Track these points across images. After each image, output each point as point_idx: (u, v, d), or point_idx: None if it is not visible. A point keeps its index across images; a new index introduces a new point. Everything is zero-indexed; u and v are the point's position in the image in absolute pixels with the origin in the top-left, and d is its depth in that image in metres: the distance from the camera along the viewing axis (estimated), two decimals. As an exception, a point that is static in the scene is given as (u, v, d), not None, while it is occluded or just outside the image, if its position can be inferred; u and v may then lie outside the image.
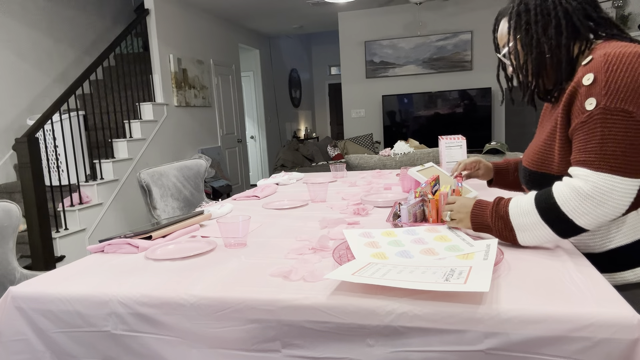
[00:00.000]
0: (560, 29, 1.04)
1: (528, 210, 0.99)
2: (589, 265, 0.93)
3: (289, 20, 7.14)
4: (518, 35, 1.09)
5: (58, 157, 3.93)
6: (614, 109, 0.91)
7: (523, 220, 1.00)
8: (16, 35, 4.33)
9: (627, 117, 0.90)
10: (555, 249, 1.04)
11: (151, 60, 5.17)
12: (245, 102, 7.78)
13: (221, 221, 1.22)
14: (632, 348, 0.71)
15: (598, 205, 0.92)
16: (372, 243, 1.09)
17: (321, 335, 0.84)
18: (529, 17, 1.07)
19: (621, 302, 0.76)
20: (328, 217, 1.49)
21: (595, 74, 0.94)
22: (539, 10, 1.06)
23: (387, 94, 6.87)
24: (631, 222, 1.00)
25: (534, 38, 1.06)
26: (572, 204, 0.94)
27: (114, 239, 1.28)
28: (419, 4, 5.55)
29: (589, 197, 0.92)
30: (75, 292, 0.97)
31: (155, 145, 4.98)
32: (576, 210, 0.94)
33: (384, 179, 2.32)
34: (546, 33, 1.05)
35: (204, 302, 0.90)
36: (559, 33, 1.04)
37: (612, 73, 0.92)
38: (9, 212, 1.70)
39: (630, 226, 1.00)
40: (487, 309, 0.77)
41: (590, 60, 0.97)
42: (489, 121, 6.50)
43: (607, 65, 0.93)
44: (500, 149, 2.82)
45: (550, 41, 1.05)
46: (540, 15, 1.05)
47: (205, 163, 2.81)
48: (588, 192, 0.92)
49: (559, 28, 1.04)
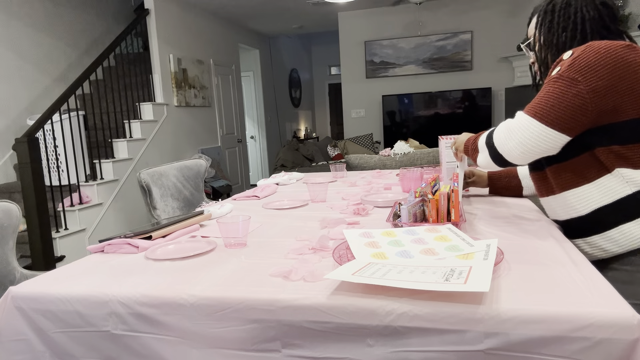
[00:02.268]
0: (575, 32, 1.17)
1: (484, 135, 1.22)
2: (589, 265, 0.93)
3: (289, 20, 7.14)
4: (542, 31, 1.23)
5: (58, 157, 3.93)
6: (566, 76, 1.06)
7: (481, 143, 1.22)
8: (16, 35, 4.33)
9: (571, 83, 1.05)
10: (555, 249, 1.04)
11: (151, 60, 5.17)
12: (245, 102, 7.78)
13: (221, 221, 1.22)
14: (632, 348, 0.71)
15: (510, 137, 1.10)
16: (372, 243, 1.09)
17: (321, 335, 0.84)
18: (553, 17, 1.21)
19: (621, 302, 0.76)
20: (328, 217, 1.49)
21: (573, 52, 1.10)
22: (562, 13, 1.20)
23: (387, 94, 6.87)
24: (608, 183, 1.10)
25: (555, 36, 1.21)
26: (498, 133, 1.14)
27: (114, 239, 1.28)
28: (419, 4, 5.55)
29: (507, 129, 1.11)
30: (75, 292, 0.97)
31: (155, 145, 4.98)
32: (498, 138, 1.14)
33: (384, 179, 2.32)
34: (564, 34, 1.19)
35: (204, 302, 0.90)
36: (573, 37, 1.18)
37: (583, 52, 1.07)
38: (9, 212, 1.70)
39: (608, 187, 1.11)
40: (487, 309, 0.77)
41: None
42: (489, 121, 6.50)
43: (585, 47, 1.08)
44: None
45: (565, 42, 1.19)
46: (563, 17, 1.19)
47: (205, 163, 2.81)
48: (509, 125, 1.11)
49: (574, 32, 1.18)
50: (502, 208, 1.49)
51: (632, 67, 1.03)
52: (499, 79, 6.48)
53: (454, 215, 1.25)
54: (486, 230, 1.24)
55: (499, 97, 6.53)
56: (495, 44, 6.42)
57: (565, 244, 1.07)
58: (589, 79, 1.03)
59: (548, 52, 1.22)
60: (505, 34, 6.34)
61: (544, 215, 1.35)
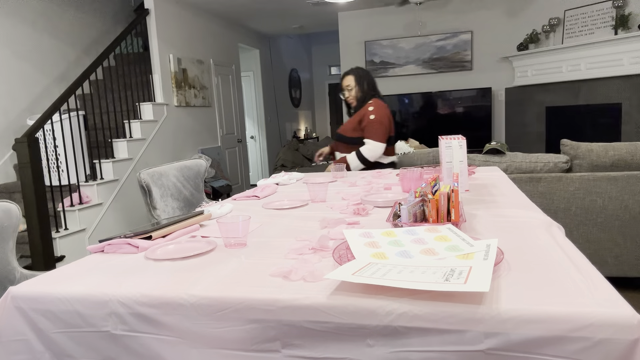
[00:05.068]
0: (371, 87, 3.04)
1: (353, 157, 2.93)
2: (589, 265, 0.93)
3: (289, 20, 7.14)
4: (358, 82, 3.02)
5: (58, 157, 3.93)
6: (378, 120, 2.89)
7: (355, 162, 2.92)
8: (16, 35, 4.33)
9: (380, 122, 2.89)
10: (555, 249, 1.04)
11: (151, 60, 5.17)
12: (245, 102, 7.78)
13: (221, 221, 1.22)
14: (631, 348, 0.71)
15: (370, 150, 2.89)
16: (372, 243, 1.09)
17: (321, 335, 0.84)
18: (362, 77, 3.04)
19: (621, 302, 0.76)
20: (328, 217, 1.49)
21: (374, 107, 2.93)
22: (366, 77, 3.05)
23: (387, 94, 6.86)
24: None
25: (363, 86, 3.01)
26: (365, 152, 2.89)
27: (114, 239, 1.28)
28: (419, 4, 5.55)
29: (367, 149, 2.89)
30: (75, 292, 0.97)
31: (155, 145, 4.98)
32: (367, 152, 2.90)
33: (384, 179, 2.32)
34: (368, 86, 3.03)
35: (204, 302, 0.90)
36: (370, 88, 3.03)
37: (377, 108, 2.92)
38: (9, 212, 1.70)
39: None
40: (487, 309, 0.77)
41: (371, 104, 2.95)
42: (489, 121, 6.50)
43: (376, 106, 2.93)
44: (501, 149, 2.82)
45: (367, 90, 3.02)
46: (366, 79, 3.04)
47: (205, 163, 2.81)
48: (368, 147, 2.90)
49: (370, 87, 3.03)
50: (502, 208, 1.49)
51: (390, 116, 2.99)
52: (499, 79, 6.48)
53: (454, 215, 1.25)
54: (486, 230, 1.24)
55: (499, 97, 6.53)
56: (495, 44, 6.42)
57: (565, 244, 1.07)
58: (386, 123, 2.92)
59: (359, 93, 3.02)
60: (505, 34, 6.34)
61: (544, 215, 1.35)
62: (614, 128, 4.92)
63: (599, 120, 5.12)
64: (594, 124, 5.18)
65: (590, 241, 2.67)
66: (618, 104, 4.85)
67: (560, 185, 2.67)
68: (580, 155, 2.68)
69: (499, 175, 2.19)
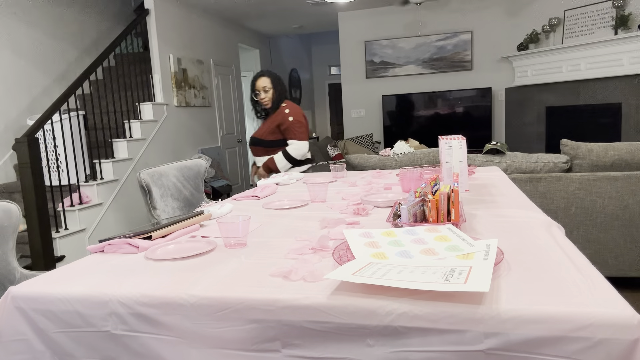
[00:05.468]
0: (284, 89, 3.04)
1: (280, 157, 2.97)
2: (589, 265, 0.93)
3: (289, 20, 7.14)
4: (274, 84, 2.98)
5: (58, 157, 3.93)
6: (297, 121, 2.94)
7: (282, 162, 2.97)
8: (16, 35, 4.33)
9: (300, 122, 2.95)
10: (555, 249, 1.04)
11: (151, 60, 5.17)
12: (245, 102, 7.78)
13: (221, 221, 1.22)
14: (631, 348, 0.71)
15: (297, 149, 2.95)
16: (372, 243, 1.09)
17: (321, 335, 0.84)
18: (277, 79, 3.02)
19: (621, 302, 0.76)
20: (328, 217, 1.49)
21: (290, 109, 2.95)
22: (280, 79, 3.04)
23: (387, 94, 6.87)
24: None
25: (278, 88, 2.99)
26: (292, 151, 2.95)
27: (114, 239, 1.28)
28: (419, 4, 5.55)
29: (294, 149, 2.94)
30: (75, 292, 0.97)
31: (155, 145, 4.98)
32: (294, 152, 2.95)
33: (384, 179, 2.32)
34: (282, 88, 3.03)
35: (204, 302, 0.90)
36: (284, 90, 3.04)
37: (292, 109, 2.96)
38: (9, 212, 1.70)
39: None
40: (487, 309, 0.77)
41: (285, 106, 2.96)
42: (489, 121, 6.50)
43: (292, 107, 2.97)
44: (501, 149, 2.81)
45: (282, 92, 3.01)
46: (280, 81, 3.03)
47: (205, 163, 2.81)
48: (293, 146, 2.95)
49: (284, 88, 3.04)
50: (502, 208, 1.49)
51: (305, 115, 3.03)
52: (499, 79, 6.48)
53: (454, 215, 1.25)
54: (486, 230, 1.24)
55: (499, 97, 6.53)
56: (495, 44, 6.42)
57: (565, 244, 1.07)
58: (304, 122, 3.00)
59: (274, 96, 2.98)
60: (505, 34, 6.34)
61: (544, 215, 1.35)
62: (614, 128, 4.92)
63: (599, 120, 5.12)
64: (594, 124, 5.18)
65: (590, 241, 2.67)
66: (618, 104, 4.86)
67: (560, 185, 2.67)
68: (580, 155, 2.68)
69: (499, 175, 2.19)
